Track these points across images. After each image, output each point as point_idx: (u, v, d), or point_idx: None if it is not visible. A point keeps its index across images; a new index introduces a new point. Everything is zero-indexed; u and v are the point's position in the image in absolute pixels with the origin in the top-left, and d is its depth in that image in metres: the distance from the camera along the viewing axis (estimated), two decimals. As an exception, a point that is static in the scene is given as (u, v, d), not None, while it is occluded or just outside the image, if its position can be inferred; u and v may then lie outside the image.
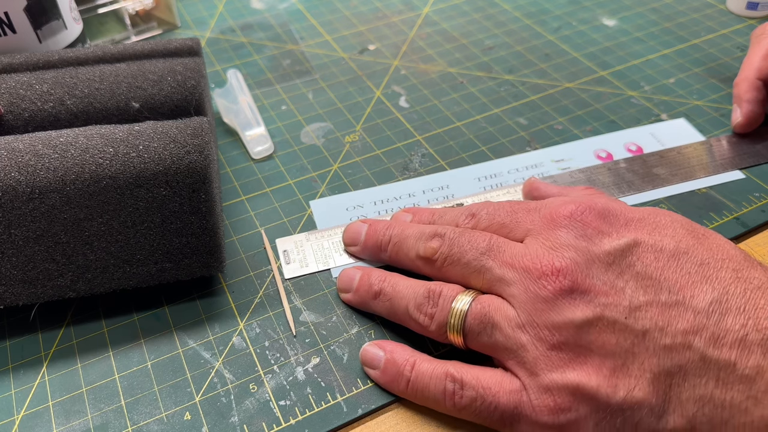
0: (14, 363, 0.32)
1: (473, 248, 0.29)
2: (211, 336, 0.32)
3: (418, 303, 0.29)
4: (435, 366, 0.28)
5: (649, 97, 0.47)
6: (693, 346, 0.24)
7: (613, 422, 0.24)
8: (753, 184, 0.39)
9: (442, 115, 0.46)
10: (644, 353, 0.24)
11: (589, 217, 0.27)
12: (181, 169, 0.30)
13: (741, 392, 0.23)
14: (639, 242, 0.26)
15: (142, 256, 0.32)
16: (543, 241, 0.28)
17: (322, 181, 0.41)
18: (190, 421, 0.29)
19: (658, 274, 0.25)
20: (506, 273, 0.28)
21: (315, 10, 0.58)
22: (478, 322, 0.28)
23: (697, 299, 0.24)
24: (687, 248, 0.26)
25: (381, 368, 0.29)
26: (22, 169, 0.29)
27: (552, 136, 0.44)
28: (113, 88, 0.35)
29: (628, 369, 0.24)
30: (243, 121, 0.44)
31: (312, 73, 0.50)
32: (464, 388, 0.27)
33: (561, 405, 0.25)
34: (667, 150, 0.41)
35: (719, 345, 0.23)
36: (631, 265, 0.26)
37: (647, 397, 0.24)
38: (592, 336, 0.25)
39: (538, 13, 0.56)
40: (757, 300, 0.24)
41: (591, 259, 0.26)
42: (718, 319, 0.24)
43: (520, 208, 0.30)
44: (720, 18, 0.55)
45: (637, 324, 0.25)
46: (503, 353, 0.27)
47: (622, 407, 0.24)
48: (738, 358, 0.23)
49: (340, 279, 0.34)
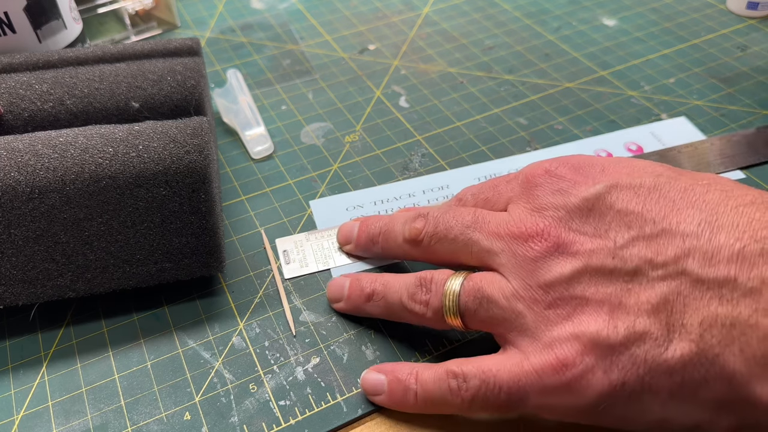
0: (14, 363, 0.32)
1: (459, 223, 0.29)
2: (211, 336, 0.32)
3: (411, 293, 0.29)
4: (436, 369, 0.28)
5: (649, 96, 0.46)
6: (687, 269, 0.23)
7: (621, 364, 0.23)
8: (753, 184, 0.39)
9: (442, 115, 0.46)
10: (638, 288, 0.24)
11: (564, 170, 0.27)
12: (180, 169, 0.30)
13: (748, 306, 0.22)
14: (616, 184, 0.26)
15: (141, 256, 0.32)
16: (524, 205, 0.28)
17: (322, 181, 0.41)
18: (189, 421, 0.29)
19: (640, 207, 0.25)
20: (493, 243, 0.27)
21: (315, 10, 0.58)
22: (473, 298, 0.27)
23: (684, 224, 0.24)
24: (668, 179, 0.25)
25: (386, 391, 0.29)
26: (22, 168, 0.29)
27: (552, 136, 0.44)
28: (113, 88, 0.35)
29: (626, 307, 0.24)
30: (243, 121, 0.44)
31: (312, 73, 0.50)
32: (467, 379, 0.26)
33: (564, 360, 0.24)
34: (667, 149, 0.41)
35: (714, 262, 0.23)
36: (610, 206, 0.25)
37: (649, 328, 0.23)
38: (583, 285, 0.25)
39: (538, 13, 0.56)
40: (751, 213, 0.23)
41: (570, 212, 0.26)
42: (710, 237, 0.23)
43: (501, 180, 0.30)
44: (720, 18, 0.55)
45: (626, 262, 0.24)
46: (503, 326, 0.27)
47: (625, 344, 0.23)
48: (738, 273, 0.22)
49: (329, 289, 0.33)
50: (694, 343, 0.22)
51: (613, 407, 0.24)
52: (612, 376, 0.24)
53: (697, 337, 0.22)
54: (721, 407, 0.23)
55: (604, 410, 0.24)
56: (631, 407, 0.24)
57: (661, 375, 0.23)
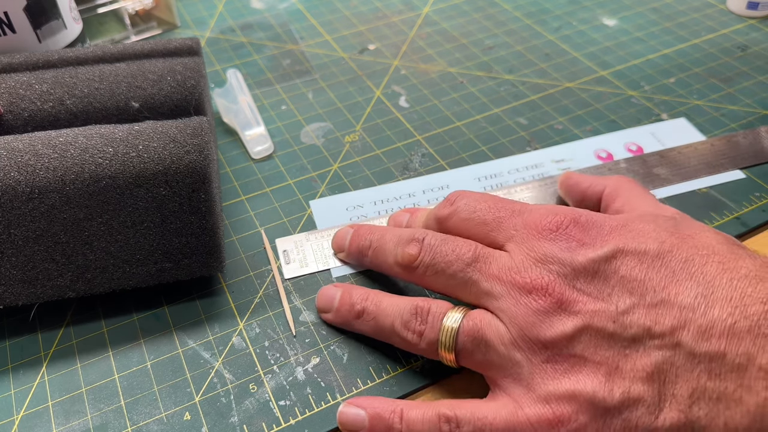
0: (14, 363, 0.32)
1: (458, 259, 0.28)
2: (211, 336, 0.32)
3: (404, 320, 0.29)
4: (425, 410, 0.27)
5: (650, 96, 0.46)
6: (681, 341, 0.24)
7: (614, 426, 0.24)
8: (753, 184, 0.39)
9: (442, 115, 0.46)
10: (635, 354, 0.24)
11: (573, 230, 0.27)
12: (180, 169, 0.30)
13: (733, 381, 0.23)
14: (622, 249, 0.26)
15: (141, 256, 0.32)
16: (527, 252, 0.27)
17: (322, 181, 0.41)
18: (189, 422, 0.29)
19: (642, 275, 0.25)
20: (493, 286, 0.27)
21: (315, 10, 0.58)
22: (471, 339, 0.27)
23: (682, 295, 0.24)
24: (671, 248, 0.26)
25: (366, 428, 0.27)
26: (22, 168, 0.29)
27: (552, 136, 0.44)
28: (113, 88, 0.35)
29: (622, 371, 0.24)
30: (243, 121, 0.44)
31: (312, 73, 0.50)
32: (460, 425, 0.26)
33: (560, 416, 0.25)
34: (667, 150, 0.41)
35: (707, 337, 0.23)
36: (615, 271, 0.26)
37: (642, 395, 0.24)
38: (583, 345, 0.25)
39: (538, 13, 0.56)
40: (744, 288, 0.24)
41: (576, 271, 0.26)
42: (705, 311, 0.24)
43: (502, 207, 0.30)
44: (720, 18, 0.55)
45: (626, 328, 0.25)
46: (498, 371, 0.27)
47: (619, 408, 0.24)
48: (727, 348, 0.23)
49: (319, 298, 0.33)
50: (683, 414, 0.23)
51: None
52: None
53: (686, 408, 0.23)
54: None
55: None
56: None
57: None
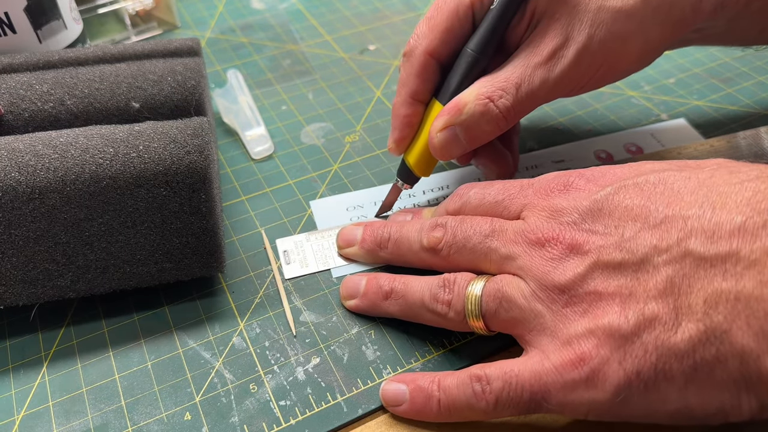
0: (14, 363, 0.32)
1: (477, 233, 0.30)
2: (211, 336, 0.32)
3: (433, 293, 0.30)
4: (458, 375, 0.28)
5: (650, 97, 0.46)
6: (689, 249, 0.23)
7: (634, 353, 0.24)
8: (753, 184, 0.39)
9: (442, 115, 0.46)
10: (646, 276, 0.24)
11: (580, 182, 0.28)
12: (181, 170, 0.30)
13: (752, 279, 0.22)
14: (623, 184, 0.26)
15: (142, 256, 0.32)
16: (540, 212, 0.28)
17: (322, 181, 0.41)
18: (190, 422, 0.29)
19: (644, 201, 0.25)
20: (511, 250, 0.28)
21: (315, 10, 0.58)
22: (493, 299, 0.28)
23: (686, 207, 0.24)
24: (672, 172, 0.26)
25: (408, 400, 0.29)
26: (22, 169, 0.29)
27: (552, 136, 0.44)
28: (113, 88, 0.35)
29: (635, 296, 0.24)
30: (243, 121, 0.44)
31: (312, 73, 0.50)
32: (490, 382, 0.27)
33: (582, 354, 0.25)
34: (667, 151, 0.41)
35: (716, 239, 0.23)
36: (618, 205, 0.26)
37: (657, 313, 0.23)
38: (597, 281, 0.25)
39: (538, 13, 0.56)
40: (755, 187, 0.23)
41: (583, 214, 0.27)
42: (711, 216, 0.23)
43: (511, 185, 0.31)
44: (720, 18, 0.55)
45: (633, 253, 0.25)
46: (523, 326, 0.27)
47: (636, 332, 0.24)
48: (740, 246, 0.22)
49: (344, 286, 0.34)
50: (701, 323, 0.22)
51: (631, 399, 0.24)
52: (627, 366, 0.24)
53: (703, 315, 0.22)
54: (739, 388, 0.22)
55: (624, 403, 0.24)
56: (650, 397, 0.24)
57: (673, 360, 0.23)
